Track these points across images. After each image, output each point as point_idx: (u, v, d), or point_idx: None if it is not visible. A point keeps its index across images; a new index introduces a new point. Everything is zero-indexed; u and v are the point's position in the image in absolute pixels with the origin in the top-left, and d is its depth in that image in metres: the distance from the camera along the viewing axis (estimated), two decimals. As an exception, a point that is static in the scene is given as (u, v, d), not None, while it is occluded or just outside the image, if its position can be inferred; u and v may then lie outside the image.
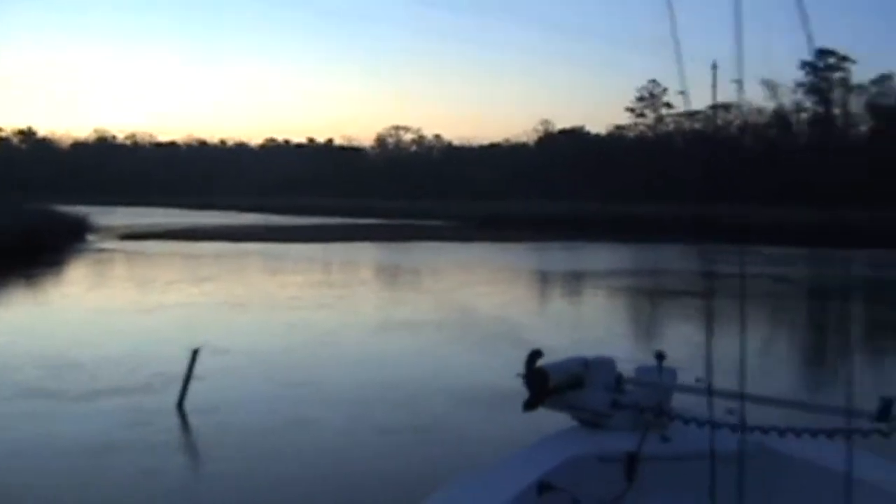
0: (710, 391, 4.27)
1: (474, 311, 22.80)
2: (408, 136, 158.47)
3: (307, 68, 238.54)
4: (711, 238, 39.92)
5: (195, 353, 12.44)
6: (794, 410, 4.90)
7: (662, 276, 33.69)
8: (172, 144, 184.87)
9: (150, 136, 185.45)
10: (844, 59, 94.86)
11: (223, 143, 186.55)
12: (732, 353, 3.59)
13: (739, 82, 3.15)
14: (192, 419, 11.60)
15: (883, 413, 4.19)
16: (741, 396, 4.04)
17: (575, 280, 33.58)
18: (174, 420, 11.57)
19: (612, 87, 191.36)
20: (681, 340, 16.76)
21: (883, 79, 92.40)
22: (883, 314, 25.27)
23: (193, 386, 12.24)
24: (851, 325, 22.42)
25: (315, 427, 11.23)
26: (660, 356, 5.01)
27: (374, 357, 16.27)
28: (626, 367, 5.20)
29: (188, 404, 11.97)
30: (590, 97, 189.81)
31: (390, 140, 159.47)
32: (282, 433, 10.90)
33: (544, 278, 35.05)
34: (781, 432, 4.42)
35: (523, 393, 5.02)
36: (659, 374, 5.00)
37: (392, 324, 20.26)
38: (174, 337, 16.96)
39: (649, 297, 28.74)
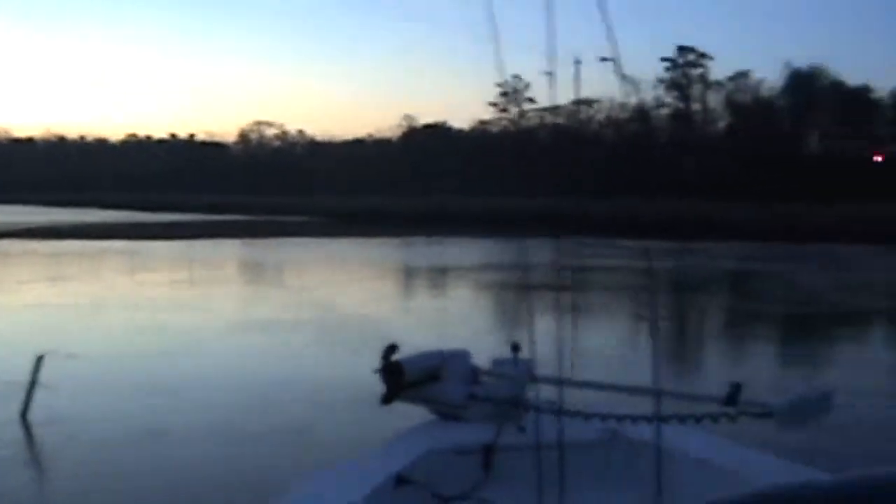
0: (554, 381, 4.46)
1: (336, 308, 22.56)
2: (270, 132, 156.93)
3: (167, 62, 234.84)
4: (571, 231, 40.81)
5: (40, 359, 11.89)
6: (652, 398, 4.98)
7: (518, 270, 33.86)
8: (30, 140, 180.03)
9: (6, 131, 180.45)
10: (703, 55, 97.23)
11: (83, 138, 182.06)
12: (577, 343, 3.54)
13: (551, 74, 3.18)
14: (37, 431, 11.07)
15: (731, 398, 4.32)
16: (560, 383, 4.27)
17: (437, 275, 33.65)
18: (17, 432, 11.01)
19: (476, 82, 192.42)
20: (528, 332, 16.78)
21: (739, 75, 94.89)
22: (734, 304, 26.00)
23: (39, 395, 11.66)
24: (703, 315, 22.95)
25: (169, 437, 10.82)
26: (515, 348, 5.03)
27: (232, 359, 15.92)
28: (482, 360, 5.22)
29: (32, 415, 11.41)
30: (454, 92, 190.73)
31: (253, 135, 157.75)
32: (133, 444, 10.45)
33: (407, 273, 35.05)
34: (634, 419, 4.50)
35: (381, 388, 4.99)
36: (514, 366, 5.04)
37: (252, 324, 19.88)
38: (22, 341, 16.19)
39: (505, 290, 28.80)
